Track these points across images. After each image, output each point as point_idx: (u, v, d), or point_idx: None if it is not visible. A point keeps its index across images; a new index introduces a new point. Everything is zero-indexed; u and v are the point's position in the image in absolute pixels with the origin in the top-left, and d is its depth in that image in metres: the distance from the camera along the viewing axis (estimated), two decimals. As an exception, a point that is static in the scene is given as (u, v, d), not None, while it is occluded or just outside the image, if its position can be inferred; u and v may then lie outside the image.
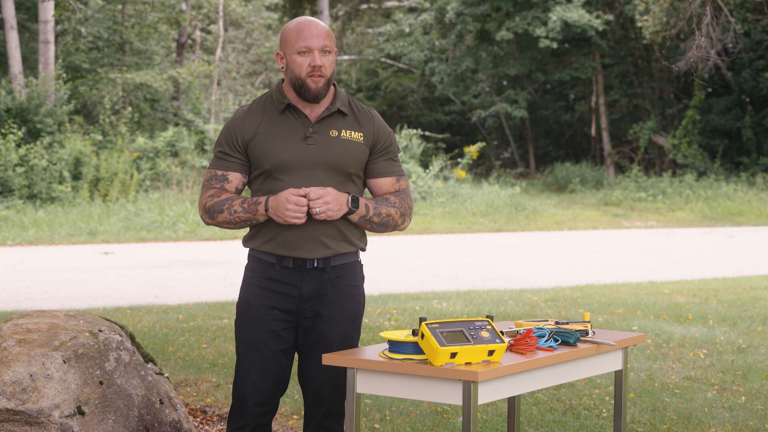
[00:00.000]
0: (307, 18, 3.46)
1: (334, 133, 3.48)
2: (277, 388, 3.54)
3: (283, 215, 3.37)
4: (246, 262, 3.60)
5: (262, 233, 3.50)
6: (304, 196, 3.36)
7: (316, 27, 3.43)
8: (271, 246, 3.48)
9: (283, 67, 3.48)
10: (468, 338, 3.02)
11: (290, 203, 3.35)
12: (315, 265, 3.47)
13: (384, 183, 3.56)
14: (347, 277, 3.53)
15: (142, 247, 14.39)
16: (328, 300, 3.50)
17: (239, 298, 3.57)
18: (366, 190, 3.63)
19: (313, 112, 3.49)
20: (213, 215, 3.47)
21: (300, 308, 3.50)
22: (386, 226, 3.52)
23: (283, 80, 3.55)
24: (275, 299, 3.49)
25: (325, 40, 3.42)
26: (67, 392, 3.92)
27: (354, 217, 3.46)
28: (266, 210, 3.41)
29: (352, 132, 3.50)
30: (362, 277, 3.60)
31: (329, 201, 3.37)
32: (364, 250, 3.57)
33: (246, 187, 3.60)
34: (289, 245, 3.46)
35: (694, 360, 6.50)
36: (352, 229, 3.51)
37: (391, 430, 4.93)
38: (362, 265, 3.62)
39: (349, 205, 3.43)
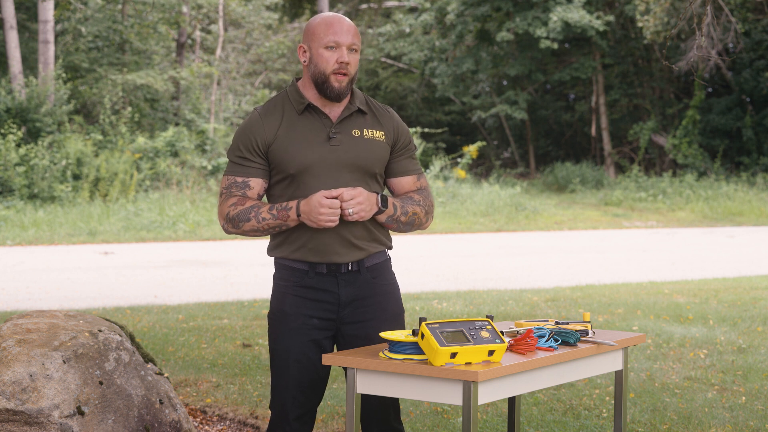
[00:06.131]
0: (336, 14, 3.35)
1: (356, 132, 3.37)
2: (316, 399, 3.43)
3: (317, 219, 3.24)
4: (273, 271, 3.47)
5: (290, 241, 3.37)
6: (336, 198, 3.25)
7: (346, 23, 3.33)
8: (302, 253, 3.36)
9: (305, 62, 3.36)
10: (468, 338, 3.01)
11: (324, 206, 3.22)
12: (350, 268, 3.38)
13: (405, 182, 3.49)
14: (382, 276, 3.45)
15: (142, 247, 14.39)
16: (367, 303, 3.41)
17: (272, 309, 3.43)
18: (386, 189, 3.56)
19: (333, 111, 3.38)
20: (238, 224, 3.32)
21: (339, 314, 3.39)
22: (412, 225, 3.44)
23: (297, 79, 3.44)
24: (313, 308, 3.37)
25: (353, 38, 3.32)
26: (67, 392, 3.91)
27: (382, 217, 3.37)
28: (298, 215, 3.28)
29: (374, 131, 3.41)
30: (394, 274, 3.53)
31: (362, 201, 3.27)
32: (391, 248, 3.50)
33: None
34: (321, 251, 3.34)
35: (694, 360, 6.50)
36: (380, 228, 3.43)
37: (391, 430, 4.93)
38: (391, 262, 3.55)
39: (379, 204, 3.34)
